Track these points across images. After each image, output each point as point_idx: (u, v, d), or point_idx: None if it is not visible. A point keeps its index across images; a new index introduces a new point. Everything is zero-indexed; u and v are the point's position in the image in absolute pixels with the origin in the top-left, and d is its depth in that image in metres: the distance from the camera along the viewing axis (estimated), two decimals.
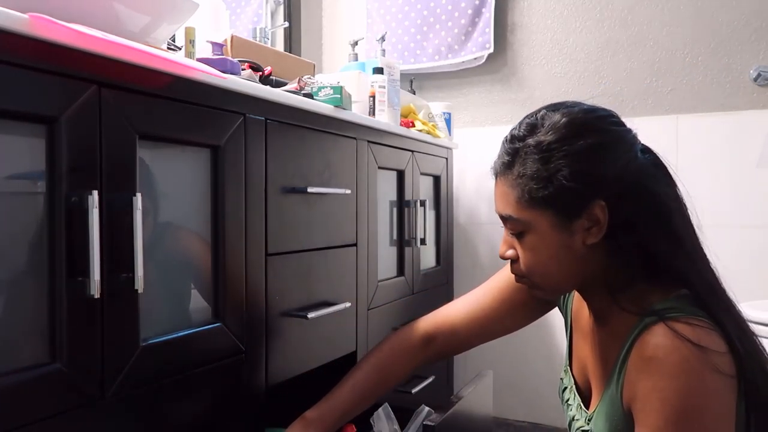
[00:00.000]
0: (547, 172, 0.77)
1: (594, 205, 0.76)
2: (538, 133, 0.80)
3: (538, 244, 0.80)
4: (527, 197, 0.79)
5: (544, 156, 0.78)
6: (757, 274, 1.82)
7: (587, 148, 0.77)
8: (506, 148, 0.85)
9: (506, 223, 0.85)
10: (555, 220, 0.78)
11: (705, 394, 0.70)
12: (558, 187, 0.77)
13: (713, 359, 0.70)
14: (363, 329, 1.43)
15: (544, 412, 2.13)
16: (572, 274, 0.82)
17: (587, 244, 0.78)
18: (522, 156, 0.80)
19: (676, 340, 0.70)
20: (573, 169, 0.76)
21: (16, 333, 0.70)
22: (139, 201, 0.78)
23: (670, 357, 0.70)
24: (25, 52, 0.68)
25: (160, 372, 0.86)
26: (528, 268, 0.83)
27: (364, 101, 1.55)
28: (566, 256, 0.80)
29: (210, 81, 0.94)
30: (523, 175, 0.80)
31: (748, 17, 1.88)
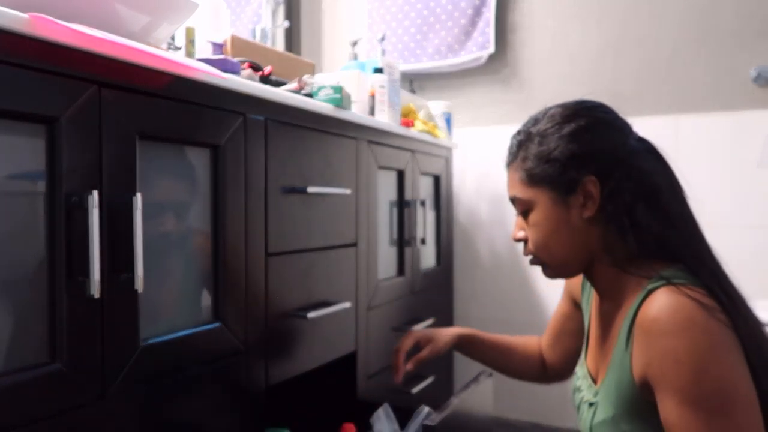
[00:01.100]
0: (543, 153, 0.89)
1: (586, 180, 0.86)
2: (538, 124, 0.92)
3: (541, 219, 0.89)
4: (528, 177, 0.90)
5: (541, 140, 0.89)
6: (758, 274, 1.82)
7: (577, 130, 0.88)
8: (513, 141, 0.96)
9: (514, 205, 0.95)
10: (553, 195, 0.88)
11: (714, 346, 0.73)
12: (553, 165, 0.87)
13: (713, 312, 0.75)
14: (363, 329, 1.43)
15: (544, 412, 2.13)
16: (574, 248, 0.89)
17: (584, 218, 0.87)
18: (525, 144, 0.92)
19: (679, 299, 0.75)
20: (565, 148, 0.87)
21: (16, 333, 0.70)
22: (139, 201, 0.78)
23: (675, 316, 0.74)
24: (25, 52, 0.68)
25: (160, 372, 0.86)
26: (535, 245, 0.92)
27: (364, 101, 1.55)
28: (567, 231, 0.88)
29: (210, 81, 0.94)
30: (525, 159, 0.91)
31: (748, 17, 1.88)
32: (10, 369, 0.68)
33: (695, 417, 0.72)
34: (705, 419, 0.72)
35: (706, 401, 0.72)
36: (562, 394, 2.06)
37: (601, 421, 0.87)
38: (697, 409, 0.72)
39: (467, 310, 2.26)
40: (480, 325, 2.24)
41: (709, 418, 0.72)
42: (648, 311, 0.77)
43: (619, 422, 0.83)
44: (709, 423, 0.72)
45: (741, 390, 0.73)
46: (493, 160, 2.23)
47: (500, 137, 2.24)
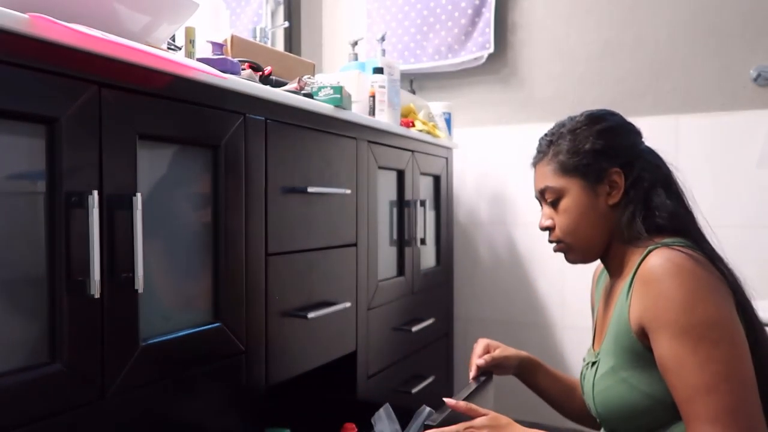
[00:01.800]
0: (575, 146, 0.99)
1: (612, 171, 0.98)
2: (566, 126, 1.03)
3: (571, 206, 0.99)
4: (561, 167, 1.00)
5: (572, 136, 1.01)
6: (758, 274, 1.82)
7: (605, 129, 1.00)
8: (542, 141, 1.06)
9: (544, 194, 1.04)
10: (584, 183, 0.99)
11: (702, 287, 0.82)
12: (584, 157, 0.98)
13: (704, 264, 0.85)
14: (363, 329, 1.43)
15: (544, 412, 2.12)
16: (598, 232, 0.99)
17: (609, 204, 0.98)
18: (557, 141, 1.02)
19: (673, 253, 0.85)
20: (595, 143, 0.99)
21: (16, 333, 0.70)
22: (139, 201, 0.78)
23: (666, 263, 0.84)
24: (25, 52, 0.68)
25: (160, 372, 0.86)
26: (563, 230, 1.01)
27: (364, 101, 1.55)
28: (593, 215, 0.99)
29: (210, 81, 0.94)
30: (558, 153, 1.01)
31: (748, 17, 1.88)
32: (10, 369, 0.68)
33: (683, 345, 0.80)
34: (692, 346, 0.80)
35: (694, 330, 0.80)
36: None
37: (602, 374, 0.94)
38: (686, 339, 0.80)
39: (467, 310, 2.26)
40: (480, 325, 2.24)
41: (696, 345, 0.79)
42: (646, 266, 0.87)
43: (618, 371, 0.91)
44: (696, 349, 0.79)
45: (727, 324, 0.81)
46: (493, 160, 2.23)
47: (500, 137, 2.25)
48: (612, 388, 0.92)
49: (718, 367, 0.78)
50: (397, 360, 1.62)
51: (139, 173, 0.82)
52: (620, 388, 0.90)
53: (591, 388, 0.97)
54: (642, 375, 0.88)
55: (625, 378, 0.90)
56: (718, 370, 0.78)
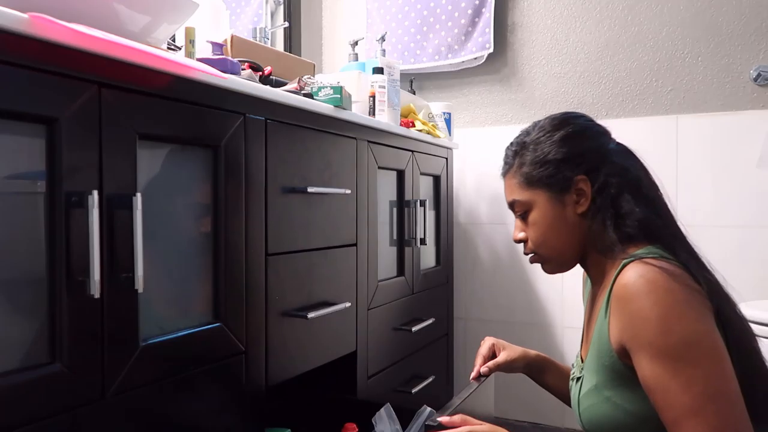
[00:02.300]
0: (538, 158, 0.97)
1: (578, 179, 0.95)
2: (530, 134, 1.01)
3: (539, 218, 0.98)
4: (526, 180, 0.98)
5: (535, 147, 0.99)
6: (757, 274, 1.82)
7: (568, 135, 0.98)
8: (508, 152, 1.04)
9: (513, 207, 1.02)
10: (550, 195, 0.96)
11: (677, 303, 0.79)
12: (548, 167, 0.96)
13: (680, 278, 0.81)
14: (363, 329, 1.43)
15: (544, 412, 2.13)
16: (570, 242, 0.97)
17: (578, 213, 0.96)
18: (521, 153, 1.01)
19: (644, 268, 0.82)
20: (558, 152, 0.96)
21: (16, 333, 0.70)
22: (139, 201, 0.78)
23: (639, 280, 0.81)
24: (25, 52, 0.68)
25: (160, 372, 0.86)
26: (534, 242, 0.99)
27: (364, 101, 1.55)
28: (563, 226, 0.97)
29: (210, 81, 0.94)
30: (522, 165, 0.99)
31: (748, 17, 1.88)
32: (10, 369, 0.68)
33: (664, 367, 0.78)
34: (672, 369, 0.77)
35: (673, 351, 0.78)
36: None
37: (586, 391, 0.93)
38: (665, 361, 0.78)
39: (467, 310, 2.26)
40: (480, 325, 2.24)
41: (677, 367, 0.77)
42: (620, 282, 0.84)
43: (602, 389, 0.89)
44: (677, 371, 0.77)
45: (706, 342, 0.78)
46: (492, 160, 2.22)
47: (500, 137, 2.25)
48: (596, 407, 0.90)
49: (701, 388, 0.76)
50: (397, 360, 1.62)
51: (139, 173, 0.82)
52: (604, 406, 0.89)
53: (577, 404, 0.96)
54: (625, 393, 0.86)
55: (609, 397, 0.88)
56: (702, 391, 0.76)
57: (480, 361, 1.20)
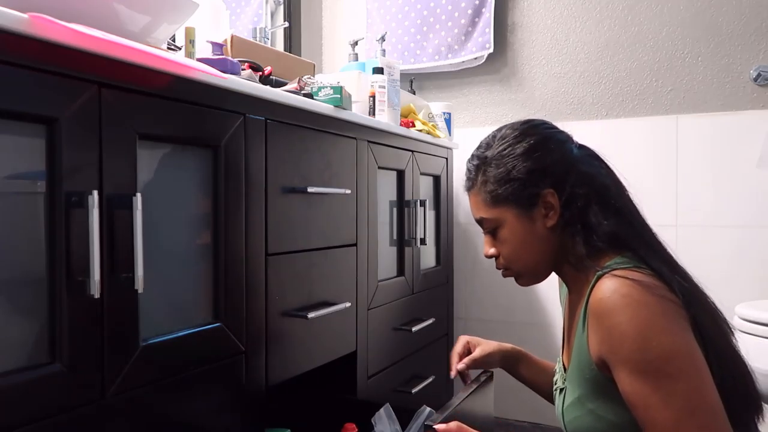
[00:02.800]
0: (501, 174, 0.95)
1: (545, 193, 0.93)
2: (491, 148, 0.98)
3: (509, 235, 0.96)
4: (491, 198, 0.96)
5: (498, 162, 0.96)
6: (757, 274, 1.82)
7: (530, 148, 0.95)
8: (470, 166, 1.02)
9: (482, 225, 1.00)
10: (517, 212, 0.95)
11: (653, 316, 0.79)
12: (513, 184, 0.94)
13: (653, 290, 0.80)
14: (363, 329, 1.43)
15: (544, 412, 2.13)
16: (542, 256, 0.96)
17: (548, 227, 0.94)
18: (482, 168, 0.98)
19: (616, 282, 0.81)
20: (521, 166, 0.94)
21: (16, 333, 0.70)
22: (139, 201, 0.78)
23: (614, 295, 0.80)
24: (25, 52, 0.68)
25: (160, 372, 0.86)
26: (506, 258, 0.98)
27: (364, 101, 1.55)
28: (533, 241, 0.95)
29: (210, 81, 0.94)
30: (485, 182, 0.97)
31: (748, 17, 1.88)
32: (10, 369, 0.68)
33: (644, 383, 0.77)
34: (653, 384, 0.77)
35: (652, 367, 0.77)
36: None
37: (570, 404, 0.92)
38: (645, 376, 0.77)
39: (467, 310, 2.26)
40: (480, 325, 2.24)
41: (657, 383, 0.77)
42: (595, 296, 0.83)
43: (584, 402, 0.89)
44: (657, 387, 0.77)
45: (684, 355, 0.78)
46: None
47: None
48: (580, 419, 0.90)
49: (682, 402, 0.75)
50: (397, 360, 1.62)
51: (139, 173, 0.82)
52: (588, 419, 0.89)
53: (561, 415, 0.96)
54: (608, 405, 0.86)
55: (592, 409, 0.88)
56: (683, 406, 0.75)
57: (456, 359, 1.20)
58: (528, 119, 1.01)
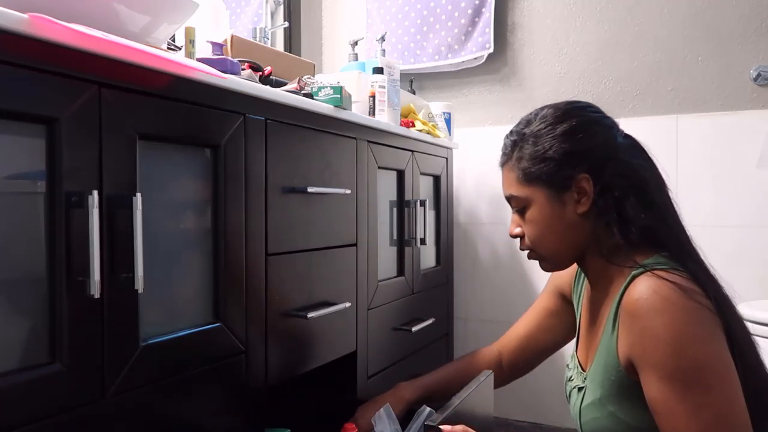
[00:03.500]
0: (538, 152, 0.92)
1: (580, 177, 0.90)
2: (531, 125, 0.95)
3: (537, 216, 0.93)
4: (524, 176, 0.94)
5: (535, 140, 0.93)
6: (757, 274, 1.82)
7: (569, 129, 0.91)
8: (507, 142, 1.00)
9: (511, 202, 0.98)
10: (549, 193, 0.91)
11: (691, 324, 0.77)
12: (548, 164, 0.91)
13: (693, 296, 0.78)
14: (363, 329, 1.43)
15: (544, 412, 2.13)
16: (569, 242, 0.93)
17: (578, 213, 0.91)
18: (519, 144, 0.96)
19: (657, 283, 0.79)
20: (559, 147, 0.91)
21: (16, 333, 0.70)
22: (139, 201, 0.78)
23: (652, 297, 0.78)
24: (25, 52, 0.68)
25: (160, 372, 0.86)
26: (531, 240, 0.95)
27: (364, 101, 1.55)
28: (562, 226, 0.92)
29: (210, 81, 0.94)
30: (521, 159, 0.94)
31: (748, 17, 1.88)
32: (10, 369, 0.68)
33: (673, 391, 0.75)
34: (682, 393, 0.75)
35: (683, 375, 0.75)
36: (562, 394, 2.06)
37: (589, 404, 0.90)
38: (675, 384, 0.75)
39: (467, 310, 2.26)
40: (480, 325, 2.24)
41: (686, 392, 0.75)
42: (630, 295, 0.81)
43: (605, 404, 0.87)
44: (686, 396, 0.75)
45: (718, 366, 0.76)
46: (493, 160, 2.22)
47: (500, 137, 2.24)
48: (599, 420, 0.88)
49: (710, 414, 0.74)
50: (397, 360, 1.62)
51: (139, 173, 0.82)
52: (607, 421, 0.87)
53: (578, 414, 0.94)
54: (630, 409, 0.84)
55: (613, 412, 0.86)
56: (710, 418, 0.74)
57: None
58: (574, 100, 0.97)
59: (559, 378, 2.03)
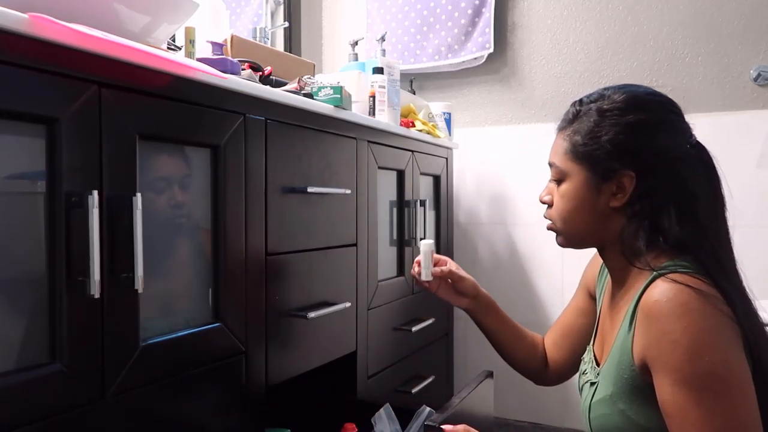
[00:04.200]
0: (595, 133, 0.88)
1: (624, 174, 0.87)
2: (602, 101, 0.91)
3: (570, 193, 0.91)
4: (572, 150, 0.91)
5: (598, 119, 0.89)
6: (758, 274, 1.82)
7: (635, 123, 0.87)
8: (571, 109, 0.95)
9: (551, 169, 0.96)
10: (589, 176, 0.89)
11: (709, 331, 0.75)
12: (599, 148, 0.88)
13: (713, 302, 0.77)
14: (363, 329, 1.43)
15: (544, 412, 2.13)
16: (592, 229, 0.92)
17: (611, 206, 0.89)
18: (582, 116, 0.92)
19: (677, 287, 0.77)
20: (616, 137, 0.87)
21: (16, 333, 0.70)
22: (139, 201, 0.78)
23: (672, 301, 0.77)
24: (25, 52, 0.68)
25: (160, 372, 0.86)
26: (558, 213, 0.94)
27: (364, 101, 1.55)
28: (590, 212, 0.90)
29: (210, 81, 0.94)
30: (577, 132, 0.91)
31: (748, 17, 1.88)
32: (10, 369, 0.68)
33: (687, 396, 0.75)
34: (696, 399, 0.74)
35: (698, 381, 0.74)
36: (562, 394, 2.06)
37: (599, 399, 0.89)
38: (689, 389, 0.75)
39: None
40: None
41: (700, 398, 0.74)
42: (650, 296, 0.79)
43: (616, 401, 0.86)
44: (700, 402, 0.74)
45: (735, 375, 0.75)
46: (493, 160, 2.23)
47: (500, 137, 2.25)
48: (608, 417, 0.88)
49: (722, 422, 0.73)
50: (397, 360, 1.62)
51: (139, 173, 0.82)
52: (617, 419, 0.86)
53: (587, 408, 0.94)
54: (640, 409, 0.83)
55: (623, 410, 0.85)
56: (722, 425, 0.73)
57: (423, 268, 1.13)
58: (656, 92, 0.92)
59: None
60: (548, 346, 1.19)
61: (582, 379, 1.01)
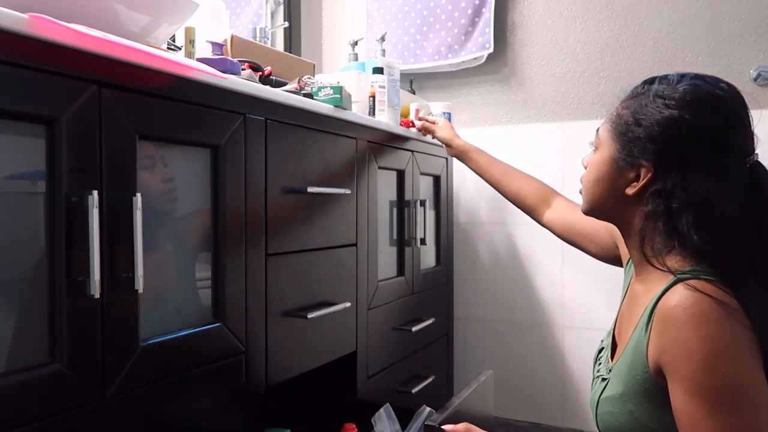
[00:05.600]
0: (640, 115, 0.86)
1: (644, 164, 0.85)
2: (665, 83, 0.87)
3: (597, 165, 0.93)
4: (616, 123, 0.91)
5: (649, 102, 0.86)
6: None
7: (673, 119, 0.82)
8: (638, 85, 0.92)
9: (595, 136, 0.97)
10: (616, 154, 0.89)
11: (727, 341, 0.74)
12: (635, 131, 0.86)
13: (733, 313, 0.74)
14: (363, 329, 1.43)
15: (544, 412, 2.13)
16: (608, 208, 0.93)
17: (626, 192, 0.88)
18: (641, 95, 0.89)
19: (697, 295, 0.75)
20: (652, 127, 0.84)
21: (16, 333, 0.70)
22: (139, 201, 0.78)
23: (691, 308, 0.75)
24: (25, 52, 0.68)
25: (160, 372, 0.86)
26: (584, 179, 0.97)
27: (364, 101, 1.55)
28: (608, 190, 0.91)
29: (210, 81, 0.94)
30: (628, 107, 0.89)
31: (748, 17, 1.88)
32: (10, 369, 0.68)
33: (699, 406, 0.73)
34: (709, 410, 0.73)
35: (712, 393, 0.73)
36: (562, 394, 2.06)
37: (608, 396, 0.88)
38: (703, 400, 0.73)
39: (467, 310, 2.26)
40: (480, 325, 2.24)
41: (714, 410, 0.73)
42: (668, 301, 0.78)
43: (626, 401, 0.85)
44: (712, 414, 0.73)
45: (749, 388, 0.73)
46: None
47: (500, 137, 2.25)
48: (615, 416, 0.87)
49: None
50: (397, 360, 1.62)
51: (139, 173, 0.82)
52: (624, 419, 0.85)
53: (596, 403, 0.93)
54: (650, 411, 0.82)
55: (632, 410, 0.84)
56: None
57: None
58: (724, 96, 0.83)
59: (559, 378, 2.03)
60: (561, 206, 1.32)
61: (596, 368, 1.00)
